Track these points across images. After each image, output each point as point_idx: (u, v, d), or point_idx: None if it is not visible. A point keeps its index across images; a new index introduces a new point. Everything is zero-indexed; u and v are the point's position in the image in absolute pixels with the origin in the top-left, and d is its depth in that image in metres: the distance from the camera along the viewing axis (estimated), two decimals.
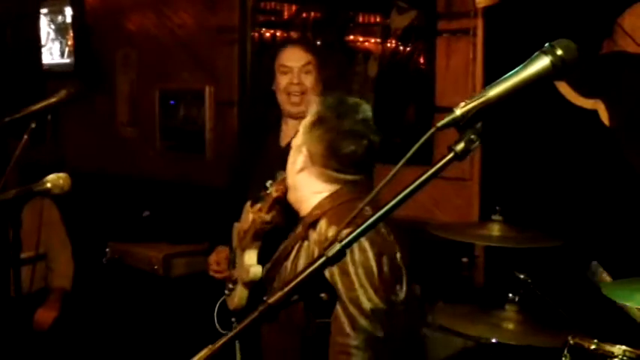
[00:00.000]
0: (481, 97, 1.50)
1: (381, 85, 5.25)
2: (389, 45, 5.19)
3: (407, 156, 1.50)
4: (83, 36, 7.60)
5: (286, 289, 1.48)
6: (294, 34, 5.82)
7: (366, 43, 5.34)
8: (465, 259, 4.34)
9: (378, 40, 5.26)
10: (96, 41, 7.53)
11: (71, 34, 7.71)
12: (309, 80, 4.00)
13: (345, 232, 1.53)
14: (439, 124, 1.49)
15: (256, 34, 6.08)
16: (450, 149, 1.50)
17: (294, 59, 4.02)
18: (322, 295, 1.50)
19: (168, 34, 6.78)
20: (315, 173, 2.85)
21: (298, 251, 2.85)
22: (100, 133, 7.50)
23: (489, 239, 3.70)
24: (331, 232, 2.67)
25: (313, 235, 2.78)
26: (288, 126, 4.06)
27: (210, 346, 1.49)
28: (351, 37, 5.42)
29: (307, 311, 1.96)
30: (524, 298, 3.51)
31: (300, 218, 2.92)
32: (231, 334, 1.48)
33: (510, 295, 3.51)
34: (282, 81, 4.01)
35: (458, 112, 1.49)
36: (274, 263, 3.01)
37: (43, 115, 3.16)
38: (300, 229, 2.89)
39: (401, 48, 5.13)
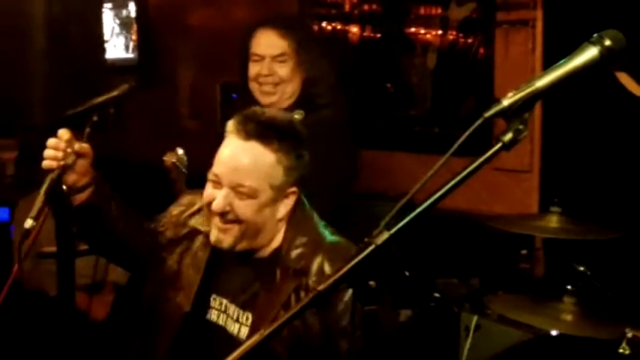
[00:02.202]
0: (529, 87, 1.50)
1: (440, 77, 5.24)
2: (448, 37, 5.17)
3: (454, 147, 1.50)
4: (147, 30, 7.68)
5: (335, 277, 1.48)
6: (353, 27, 5.82)
7: (426, 35, 5.33)
8: (524, 252, 4.31)
9: (437, 31, 5.25)
10: (158, 35, 7.61)
11: (135, 29, 7.79)
12: (283, 70, 3.64)
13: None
14: (486, 114, 1.50)
15: (316, 27, 6.09)
16: (498, 139, 1.50)
17: (265, 46, 3.67)
18: (371, 282, 1.49)
19: (229, 27, 6.82)
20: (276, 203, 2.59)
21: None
22: (161, 126, 7.58)
23: (547, 231, 3.69)
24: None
25: (311, 279, 2.52)
26: None
27: (261, 332, 1.49)
28: (411, 29, 5.41)
29: (355, 299, 1.89)
30: (582, 290, 3.49)
31: (266, 259, 2.63)
32: (280, 321, 1.49)
33: (569, 287, 3.50)
34: (252, 70, 3.69)
35: (505, 102, 1.50)
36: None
37: (105, 108, 3.19)
38: (281, 278, 2.56)
39: (460, 39, 5.11)
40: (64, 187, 2.63)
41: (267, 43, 3.66)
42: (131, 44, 7.89)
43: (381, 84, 5.59)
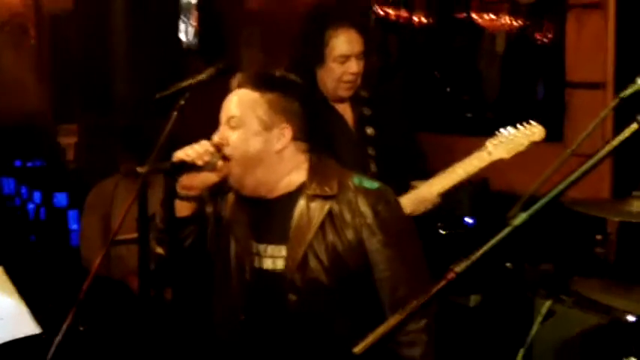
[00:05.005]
0: None
1: (509, 62, 5.22)
2: (517, 21, 5.15)
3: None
4: (208, 15, 7.69)
5: (472, 259, 1.49)
6: (419, 14, 5.79)
7: (494, 20, 5.31)
8: (599, 236, 4.30)
9: (506, 16, 5.22)
10: (221, 19, 7.62)
11: (195, 15, 7.81)
12: (362, 65, 3.67)
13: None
14: (622, 94, 1.50)
15: (382, 12, 6.07)
16: (636, 120, 1.49)
17: (352, 47, 3.65)
18: (508, 264, 1.51)
19: (291, 11, 6.83)
20: (296, 148, 2.79)
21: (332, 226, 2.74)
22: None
23: (629, 215, 3.65)
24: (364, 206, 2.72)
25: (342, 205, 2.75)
26: (340, 108, 3.80)
27: (400, 311, 1.50)
28: (478, 13, 5.39)
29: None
30: None
31: (278, 197, 2.79)
32: (421, 300, 1.49)
33: None
34: (337, 70, 3.65)
35: None
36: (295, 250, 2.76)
37: (191, 92, 3.14)
38: (309, 205, 2.74)
39: (529, 23, 5.09)
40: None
41: (351, 42, 3.66)
42: (190, 30, 7.91)
43: (450, 70, 5.60)
